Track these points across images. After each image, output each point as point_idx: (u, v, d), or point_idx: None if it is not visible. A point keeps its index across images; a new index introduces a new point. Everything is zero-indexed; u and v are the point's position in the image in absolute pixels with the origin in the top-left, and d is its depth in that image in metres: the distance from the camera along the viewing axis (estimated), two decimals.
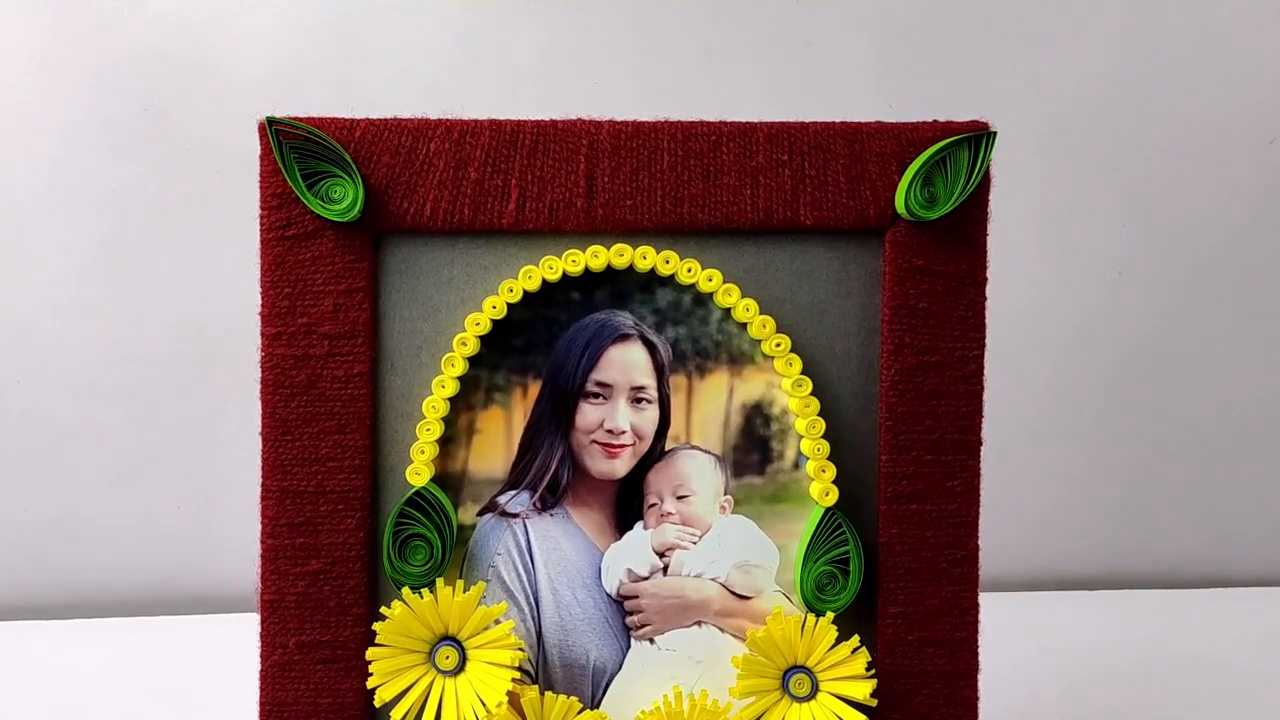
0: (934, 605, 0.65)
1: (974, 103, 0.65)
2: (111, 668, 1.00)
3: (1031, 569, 1.21)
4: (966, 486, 0.65)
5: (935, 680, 0.65)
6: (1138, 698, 0.95)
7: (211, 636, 1.03)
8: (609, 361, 0.64)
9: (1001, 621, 0.66)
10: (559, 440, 0.64)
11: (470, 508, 0.64)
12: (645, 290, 0.64)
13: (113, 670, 0.99)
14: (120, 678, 0.97)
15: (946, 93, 0.91)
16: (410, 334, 0.63)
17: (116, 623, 1.11)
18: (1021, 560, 1.19)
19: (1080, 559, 1.23)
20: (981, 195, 0.64)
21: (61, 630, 1.08)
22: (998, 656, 0.65)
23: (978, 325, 0.64)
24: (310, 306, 0.62)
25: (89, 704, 0.92)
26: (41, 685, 0.96)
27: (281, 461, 0.63)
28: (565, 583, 0.64)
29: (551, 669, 0.64)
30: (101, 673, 0.99)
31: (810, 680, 0.63)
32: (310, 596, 0.63)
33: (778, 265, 0.64)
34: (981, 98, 0.66)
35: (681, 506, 0.65)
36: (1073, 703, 0.94)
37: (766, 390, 0.65)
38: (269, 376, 0.62)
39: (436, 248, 0.63)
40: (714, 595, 0.65)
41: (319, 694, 0.63)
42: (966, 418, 0.65)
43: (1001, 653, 0.65)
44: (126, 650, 1.03)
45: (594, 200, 0.63)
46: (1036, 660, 1.01)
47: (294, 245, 0.62)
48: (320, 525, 0.63)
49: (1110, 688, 0.97)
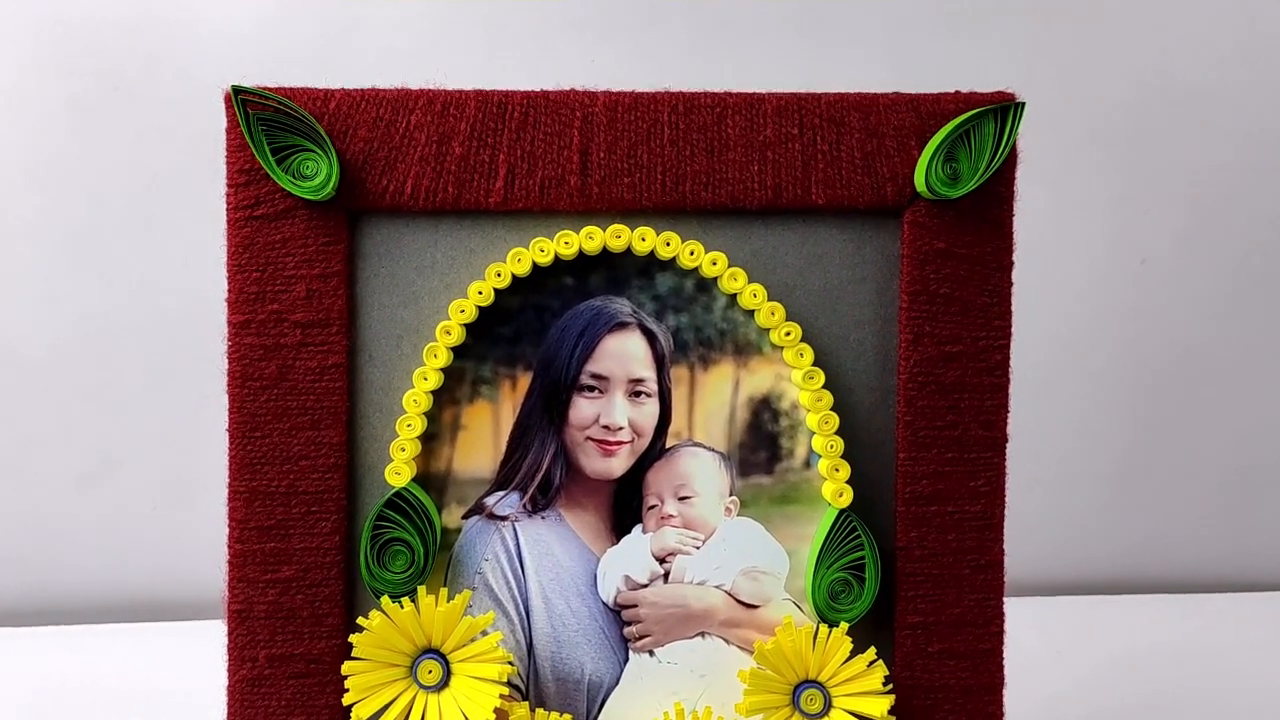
0: (956, 615, 0.60)
1: (990, 83, 0.60)
2: (80, 677, 0.96)
3: (1048, 573, 1.16)
4: (991, 487, 0.60)
5: (957, 695, 0.60)
6: (1158, 703, 0.91)
7: (187, 645, 0.99)
8: (605, 352, 0.59)
9: (1018, 626, 0.63)
10: (551, 437, 0.59)
11: (455, 510, 0.60)
12: (644, 275, 0.60)
13: (81, 680, 0.95)
14: (88, 688, 0.94)
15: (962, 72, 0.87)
16: (390, 322, 0.59)
17: (85, 630, 1.06)
18: (1038, 564, 1.14)
19: (1099, 563, 1.19)
20: (1007, 172, 0.59)
21: (26, 639, 1.04)
22: (1014, 662, 0.61)
23: (1003, 313, 0.60)
24: (281, 292, 0.58)
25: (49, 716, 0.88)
26: (3, 696, 0.92)
27: (251, 460, 0.58)
28: (558, 591, 0.60)
29: (543, 684, 0.60)
30: (69, 683, 0.95)
31: (823, 696, 0.59)
32: (282, 606, 0.58)
33: (787, 248, 0.60)
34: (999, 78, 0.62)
35: (683, 508, 0.60)
36: (1091, 709, 0.91)
37: (775, 383, 0.60)
38: (236, 368, 0.58)
39: (418, 229, 0.59)
40: (718, 604, 0.60)
41: (291, 711, 0.58)
42: (991, 412, 0.60)
43: (1019, 658, 0.62)
44: (95, 659, 1.00)
45: (588, 178, 0.58)
46: (1055, 665, 0.97)
47: (263, 226, 0.57)
48: (292, 529, 0.58)
49: (1130, 694, 0.94)
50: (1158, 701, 0.92)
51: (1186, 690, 0.94)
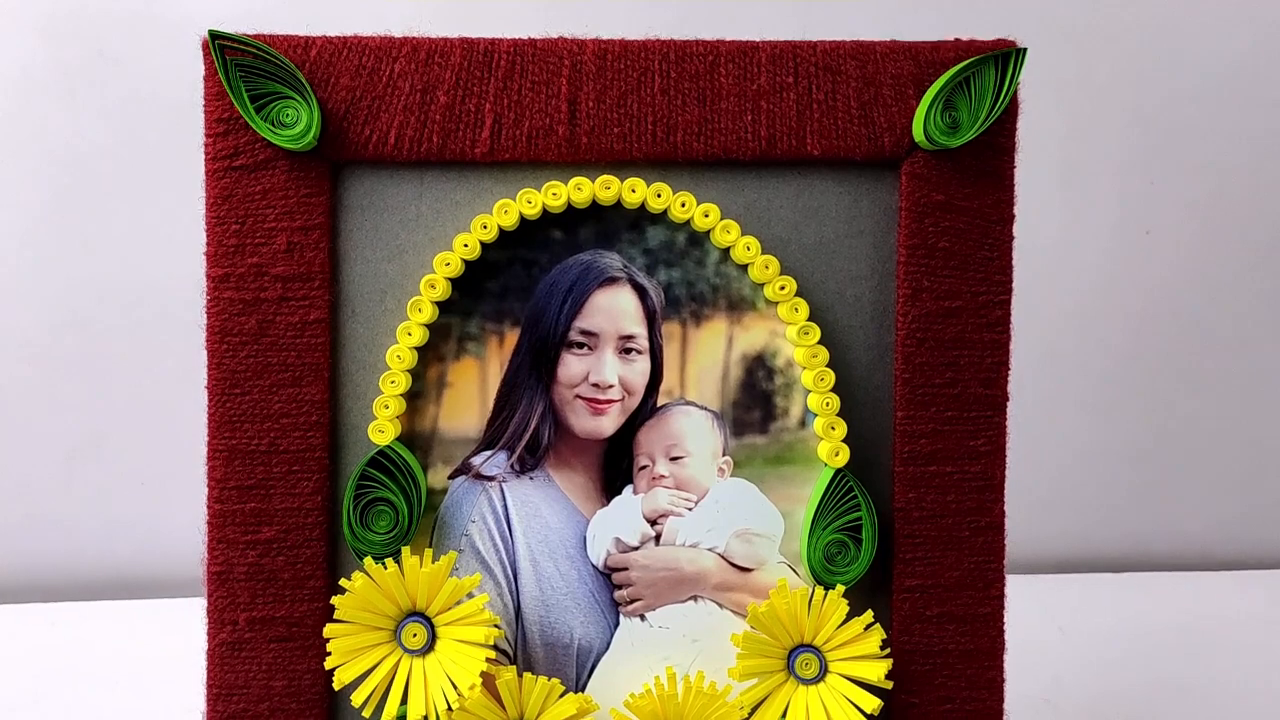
0: (955, 577, 0.59)
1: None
2: (70, 654, 0.95)
3: (1048, 551, 1.14)
4: (991, 446, 0.59)
5: (957, 660, 0.59)
6: (1162, 681, 0.91)
7: (174, 622, 0.97)
8: (594, 307, 0.57)
9: (1021, 604, 0.62)
10: (539, 395, 0.58)
11: (441, 470, 0.58)
12: (634, 229, 0.58)
13: (71, 658, 0.94)
14: (78, 665, 0.92)
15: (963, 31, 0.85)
16: (373, 276, 0.57)
17: (75, 607, 1.05)
18: (1037, 541, 1.13)
19: (1097, 539, 1.17)
20: (1008, 122, 0.58)
21: (16, 615, 1.03)
22: (1018, 639, 0.60)
23: (1004, 267, 0.58)
24: (261, 245, 0.56)
25: (41, 693, 0.87)
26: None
27: (230, 417, 0.56)
28: (546, 553, 0.58)
29: (531, 648, 0.58)
30: (59, 660, 0.93)
31: (818, 660, 0.57)
32: (262, 568, 0.57)
33: (781, 201, 0.58)
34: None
35: (675, 469, 0.58)
36: (1096, 687, 0.90)
37: (769, 340, 0.59)
38: (215, 323, 0.56)
39: (402, 181, 0.57)
40: (711, 567, 0.58)
41: (272, 676, 0.57)
42: (991, 370, 0.58)
43: (1022, 636, 0.61)
44: (84, 636, 0.98)
45: (577, 128, 0.56)
46: (1058, 643, 0.95)
47: (243, 177, 0.56)
48: (273, 488, 0.56)
49: (1134, 672, 0.93)
50: (1164, 680, 0.91)
51: (1193, 669, 0.93)
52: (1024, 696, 0.85)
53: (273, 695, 0.57)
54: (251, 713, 0.57)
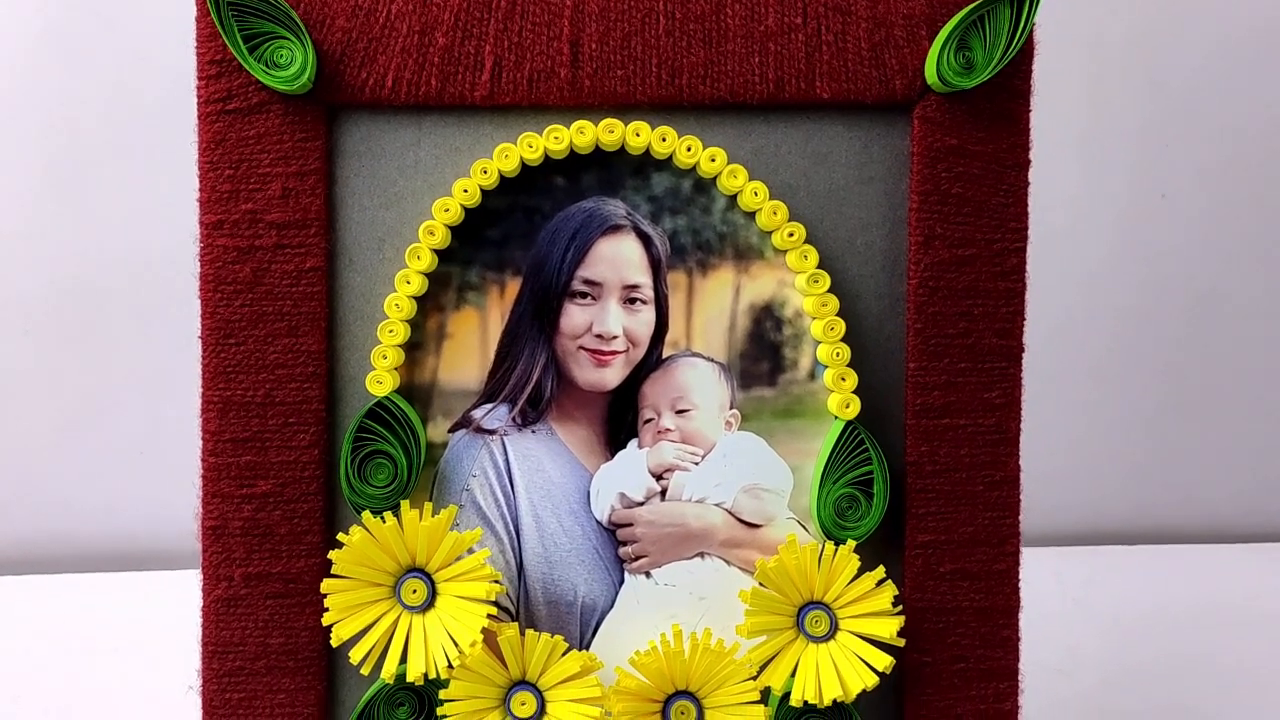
0: (969, 533, 0.57)
1: None
2: (65, 627, 0.94)
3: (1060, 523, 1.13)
4: (1006, 398, 0.57)
5: (971, 617, 0.57)
6: (1177, 653, 0.90)
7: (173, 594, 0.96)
8: (598, 256, 0.56)
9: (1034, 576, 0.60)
10: (541, 346, 0.56)
11: (441, 423, 0.57)
12: (639, 175, 0.56)
13: (66, 630, 0.93)
14: (73, 638, 0.92)
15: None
16: (371, 224, 0.56)
17: (72, 579, 1.04)
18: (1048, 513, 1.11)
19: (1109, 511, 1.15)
20: (1024, 64, 0.56)
21: (12, 588, 1.02)
22: (1031, 611, 0.58)
23: (1019, 214, 0.56)
24: (255, 191, 0.55)
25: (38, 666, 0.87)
26: None
27: (224, 368, 0.55)
28: (549, 509, 0.57)
29: (534, 606, 0.57)
30: (56, 632, 0.93)
31: (829, 617, 0.56)
32: (258, 522, 0.55)
33: (790, 146, 0.56)
34: None
35: (681, 422, 0.57)
36: (1111, 658, 0.89)
37: (778, 289, 0.57)
38: (209, 271, 0.55)
39: (400, 125, 0.56)
40: (718, 523, 0.57)
41: (269, 632, 0.56)
42: (1006, 320, 0.57)
43: (1035, 607, 0.60)
44: (79, 609, 0.98)
45: (579, 70, 0.55)
46: (1072, 615, 0.94)
47: (236, 120, 0.54)
48: (269, 441, 0.55)
49: (1149, 643, 0.92)
50: (1178, 652, 0.90)
51: (1206, 641, 0.92)
52: (1038, 666, 0.83)
53: (269, 652, 0.56)
54: (247, 670, 0.56)
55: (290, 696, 0.56)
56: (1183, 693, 0.83)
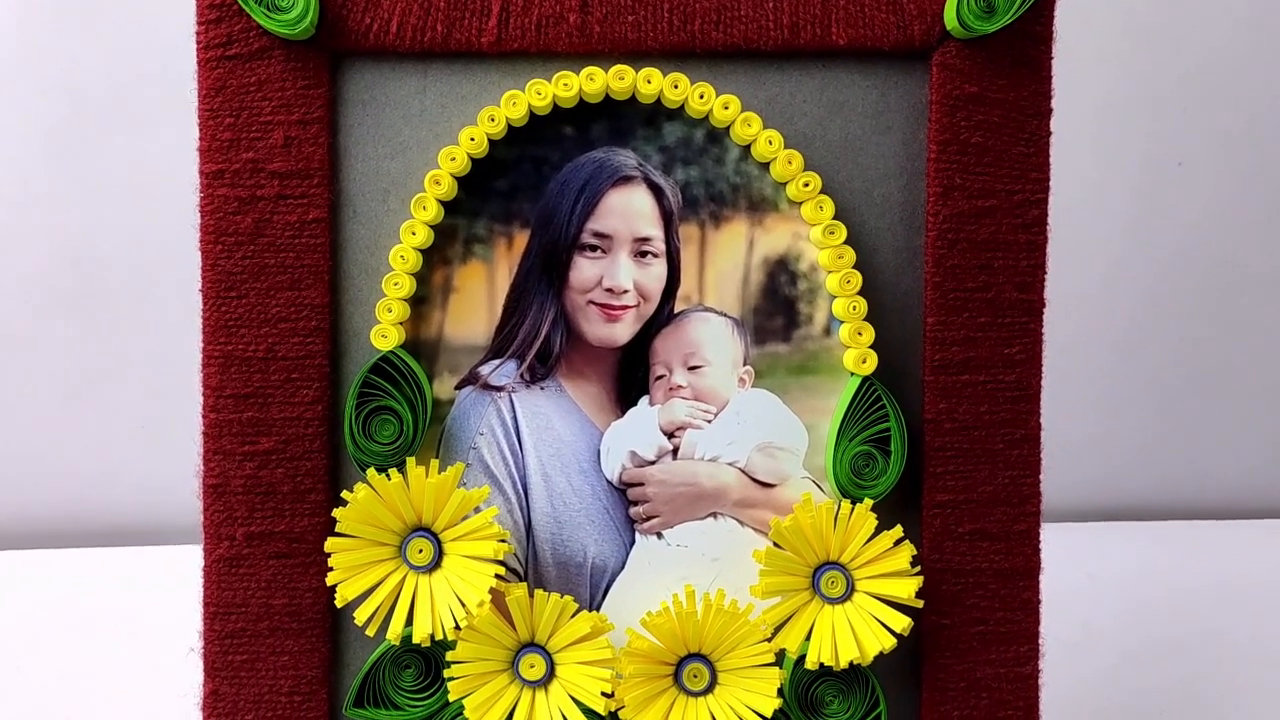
0: (989, 492, 0.56)
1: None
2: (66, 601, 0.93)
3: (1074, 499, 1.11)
4: (1027, 354, 0.55)
5: (990, 579, 0.56)
6: (1193, 627, 0.89)
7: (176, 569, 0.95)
8: (608, 208, 0.54)
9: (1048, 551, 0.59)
10: (550, 300, 0.55)
11: (447, 380, 0.55)
12: (650, 125, 0.55)
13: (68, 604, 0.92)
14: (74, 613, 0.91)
15: None
16: (375, 175, 0.54)
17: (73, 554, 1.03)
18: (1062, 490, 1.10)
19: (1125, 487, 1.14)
20: (1045, 10, 0.54)
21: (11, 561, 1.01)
22: (1045, 585, 0.57)
23: (1040, 164, 0.55)
24: (257, 140, 0.53)
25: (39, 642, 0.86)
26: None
27: (225, 322, 0.54)
28: (558, 467, 0.55)
29: (543, 567, 0.55)
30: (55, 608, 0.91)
31: (845, 578, 0.54)
32: (261, 480, 0.54)
33: (805, 95, 0.55)
34: None
35: (693, 379, 0.56)
36: (1125, 632, 0.88)
37: (793, 242, 0.56)
38: (209, 222, 0.53)
39: (405, 73, 0.54)
40: (731, 482, 0.56)
41: (271, 593, 0.54)
42: (1027, 273, 0.55)
43: (1050, 581, 0.58)
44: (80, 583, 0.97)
45: (589, 15, 0.53)
46: (1087, 590, 0.93)
47: (237, 67, 0.53)
48: (271, 397, 0.54)
49: (1164, 618, 0.91)
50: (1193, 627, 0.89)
51: (1223, 617, 0.91)
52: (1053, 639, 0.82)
53: (272, 613, 0.54)
54: (250, 631, 0.54)
55: (294, 659, 0.54)
56: (1197, 669, 0.82)
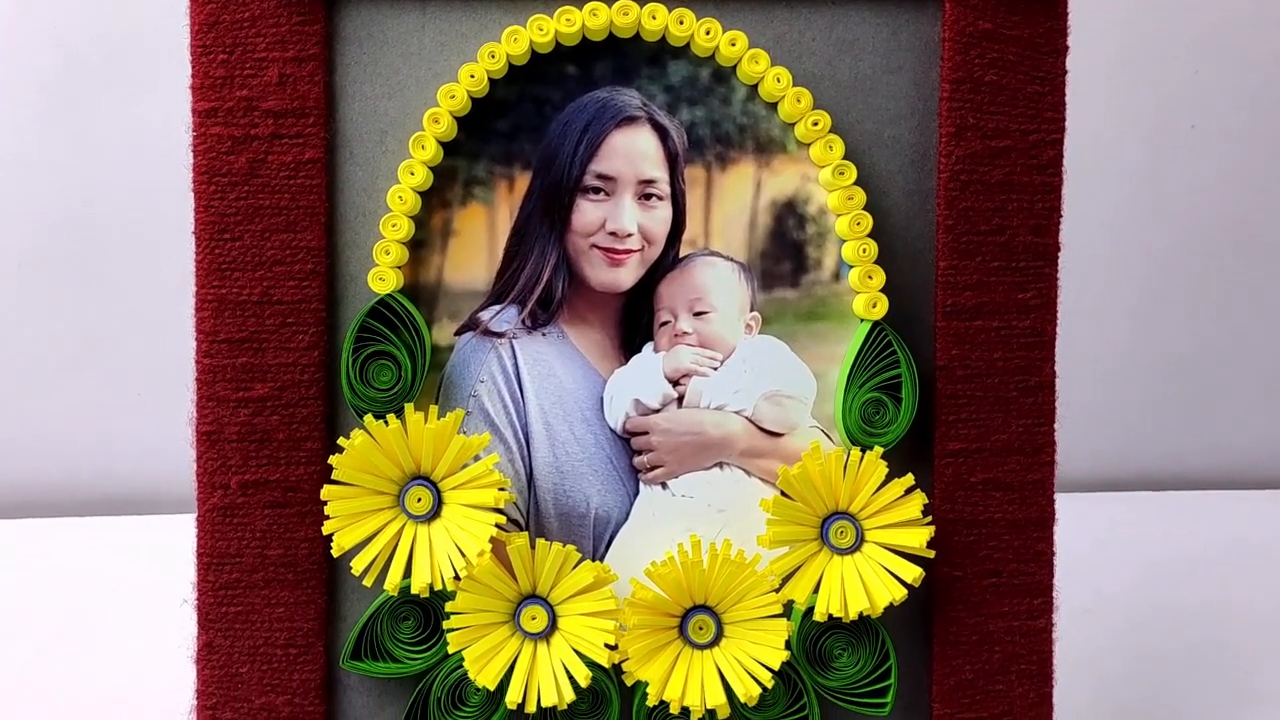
0: (1002, 441, 0.54)
1: None
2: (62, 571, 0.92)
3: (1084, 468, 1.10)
4: (1042, 299, 0.54)
5: (1003, 530, 0.54)
6: (1205, 593, 0.88)
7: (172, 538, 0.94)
8: (612, 149, 0.53)
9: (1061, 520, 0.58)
10: (552, 244, 0.54)
11: (446, 325, 0.54)
12: (654, 63, 0.54)
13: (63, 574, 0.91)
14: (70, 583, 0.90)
15: None
16: (372, 115, 0.53)
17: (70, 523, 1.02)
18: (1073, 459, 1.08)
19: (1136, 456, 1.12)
20: None
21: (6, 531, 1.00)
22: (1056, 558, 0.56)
23: (1056, 103, 0.54)
24: (251, 77, 0.52)
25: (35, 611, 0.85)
26: None
27: (219, 265, 0.52)
28: (561, 415, 0.54)
29: (544, 518, 0.54)
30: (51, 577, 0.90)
31: (854, 528, 0.53)
32: (255, 427, 0.53)
33: (814, 33, 0.53)
34: None
35: (699, 324, 0.54)
36: (1136, 598, 0.86)
37: (801, 185, 0.54)
38: (202, 162, 0.52)
39: (403, 10, 0.53)
40: (738, 431, 0.54)
41: (266, 543, 0.53)
42: (1043, 215, 0.54)
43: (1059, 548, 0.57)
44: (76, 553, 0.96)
45: None
46: (1098, 557, 0.92)
47: (230, 2, 0.52)
48: (266, 342, 0.52)
49: (1175, 585, 0.89)
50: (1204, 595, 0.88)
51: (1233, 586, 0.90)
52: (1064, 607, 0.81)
53: (267, 564, 0.53)
54: (245, 582, 0.53)
55: (289, 610, 0.53)
56: (1209, 636, 0.81)
